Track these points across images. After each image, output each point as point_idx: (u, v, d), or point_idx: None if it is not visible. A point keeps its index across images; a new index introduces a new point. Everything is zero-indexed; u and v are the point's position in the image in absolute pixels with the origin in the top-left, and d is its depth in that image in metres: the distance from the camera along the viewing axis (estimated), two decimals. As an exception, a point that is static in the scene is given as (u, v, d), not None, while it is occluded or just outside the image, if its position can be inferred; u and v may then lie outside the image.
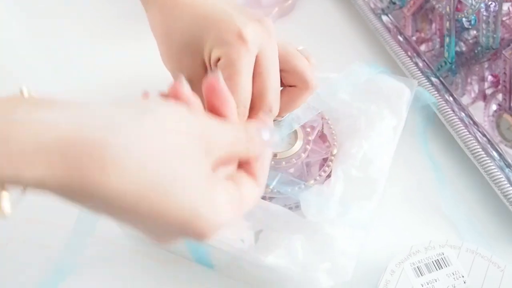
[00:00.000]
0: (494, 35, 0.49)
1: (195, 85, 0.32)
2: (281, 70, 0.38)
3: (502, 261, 0.40)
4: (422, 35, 0.58)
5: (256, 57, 0.36)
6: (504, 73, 0.48)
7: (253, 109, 0.36)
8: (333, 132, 0.44)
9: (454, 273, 0.40)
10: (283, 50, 0.38)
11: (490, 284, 0.39)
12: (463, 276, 0.40)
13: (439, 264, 0.40)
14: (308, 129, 0.43)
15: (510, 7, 0.50)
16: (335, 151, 0.43)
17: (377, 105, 0.45)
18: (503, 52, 0.48)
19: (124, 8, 0.64)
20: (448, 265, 0.40)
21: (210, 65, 0.37)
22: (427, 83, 0.52)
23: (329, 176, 0.42)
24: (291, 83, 0.39)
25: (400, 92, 0.46)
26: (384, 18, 0.59)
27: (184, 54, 0.37)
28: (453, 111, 0.50)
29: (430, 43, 0.57)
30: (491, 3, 0.48)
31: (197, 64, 0.37)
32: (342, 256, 0.37)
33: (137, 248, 0.45)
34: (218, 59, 0.36)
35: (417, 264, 0.40)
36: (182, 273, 0.43)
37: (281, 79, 0.38)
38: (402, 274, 0.40)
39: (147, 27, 0.63)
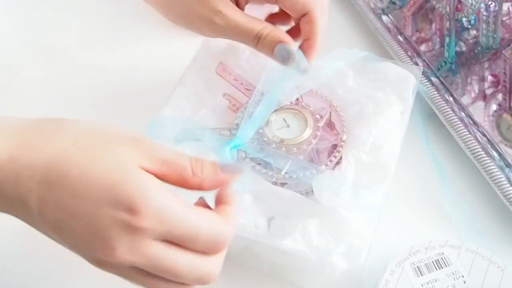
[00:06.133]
0: (494, 35, 0.49)
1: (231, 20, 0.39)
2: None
3: (502, 261, 0.40)
4: (422, 35, 0.58)
5: None
6: (504, 73, 0.48)
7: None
8: (342, 119, 0.45)
9: (454, 273, 0.40)
10: None
11: (490, 284, 0.39)
12: (463, 276, 0.40)
13: (439, 264, 0.40)
14: (317, 116, 0.44)
15: (510, 7, 0.50)
16: (344, 137, 0.44)
17: (384, 91, 0.46)
18: (503, 52, 0.48)
19: (127, 8, 0.64)
20: (448, 265, 0.40)
21: None
22: (427, 83, 0.52)
23: (338, 162, 0.42)
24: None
25: (406, 79, 0.47)
26: (384, 18, 0.59)
27: None
28: (453, 111, 0.50)
29: (430, 43, 0.57)
30: (491, 3, 0.48)
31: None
32: (357, 238, 0.38)
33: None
34: None
35: (417, 264, 0.40)
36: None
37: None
38: (402, 274, 0.40)
39: (147, 28, 0.63)
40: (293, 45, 0.41)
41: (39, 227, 0.29)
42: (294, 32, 0.44)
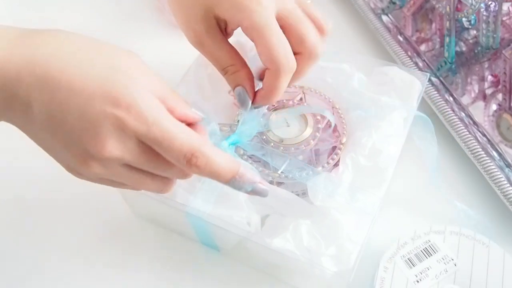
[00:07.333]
0: (494, 35, 0.49)
1: (207, 45, 0.38)
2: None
3: (485, 237, 0.40)
4: (422, 35, 0.58)
5: (279, 14, 0.37)
6: (504, 73, 0.48)
7: (299, 55, 0.37)
8: (343, 121, 0.44)
9: (444, 258, 0.39)
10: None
11: (479, 260, 0.39)
12: (452, 259, 0.40)
13: (427, 252, 0.40)
14: (319, 117, 0.44)
15: (510, 7, 0.50)
16: (344, 140, 0.43)
17: (388, 96, 0.45)
18: (503, 52, 0.47)
19: (130, 8, 0.64)
20: (437, 251, 0.40)
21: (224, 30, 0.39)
22: (427, 83, 0.52)
23: (336, 164, 0.42)
24: (296, 50, 0.38)
25: (411, 84, 0.46)
26: (384, 18, 0.59)
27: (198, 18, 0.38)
28: (453, 111, 0.49)
29: (430, 43, 0.57)
30: (491, 3, 0.48)
31: (208, 26, 0.38)
32: (348, 242, 0.37)
33: (145, 229, 0.45)
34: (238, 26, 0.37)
35: (408, 256, 0.40)
36: (189, 255, 0.44)
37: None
38: (395, 269, 0.39)
39: (151, 27, 0.63)
40: (251, 92, 0.39)
41: (32, 127, 0.30)
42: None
